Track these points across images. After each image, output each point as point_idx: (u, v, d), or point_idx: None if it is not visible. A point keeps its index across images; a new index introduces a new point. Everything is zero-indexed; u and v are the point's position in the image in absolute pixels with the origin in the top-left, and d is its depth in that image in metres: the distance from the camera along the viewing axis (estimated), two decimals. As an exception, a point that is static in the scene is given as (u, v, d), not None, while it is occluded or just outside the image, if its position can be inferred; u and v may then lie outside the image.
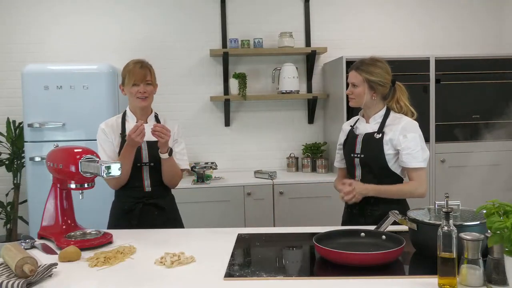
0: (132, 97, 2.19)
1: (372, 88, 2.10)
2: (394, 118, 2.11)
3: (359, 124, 2.21)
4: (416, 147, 2.04)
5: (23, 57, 3.80)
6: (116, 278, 1.46)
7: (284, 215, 3.43)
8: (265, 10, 4.03)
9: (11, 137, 3.64)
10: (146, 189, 2.20)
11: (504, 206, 1.25)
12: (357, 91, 2.12)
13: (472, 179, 3.44)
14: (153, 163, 2.19)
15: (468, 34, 4.18)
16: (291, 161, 3.92)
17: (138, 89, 2.15)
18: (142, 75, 2.15)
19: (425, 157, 2.05)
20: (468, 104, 3.58)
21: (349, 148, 2.18)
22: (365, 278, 1.37)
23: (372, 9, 4.11)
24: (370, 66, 2.10)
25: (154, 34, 3.94)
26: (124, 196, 2.20)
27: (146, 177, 2.19)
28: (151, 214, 2.20)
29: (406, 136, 2.04)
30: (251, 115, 4.07)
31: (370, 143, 2.10)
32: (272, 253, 1.74)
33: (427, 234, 1.48)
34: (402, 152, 2.04)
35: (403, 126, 2.06)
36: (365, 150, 2.10)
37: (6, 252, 1.50)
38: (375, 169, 2.09)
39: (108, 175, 1.69)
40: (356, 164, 2.14)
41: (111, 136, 2.19)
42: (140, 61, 2.21)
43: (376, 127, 2.12)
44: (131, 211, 2.17)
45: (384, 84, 2.10)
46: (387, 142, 2.06)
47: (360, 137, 2.14)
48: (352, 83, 2.14)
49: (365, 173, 2.12)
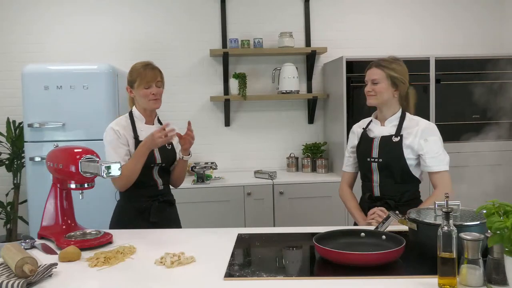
0: (143, 99, 2.18)
1: (394, 85, 2.07)
2: (410, 121, 2.08)
3: (373, 126, 2.16)
4: (439, 150, 2.02)
5: (23, 57, 3.80)
6: (116, 278, 1.46)
7: (284, 215, 3.43)
8: (265, 10, 4.03)
9: (11, 137, 3.64)
10: (160, 187, 2.24)
11: (504, 206, 1.25)
12: (378, 87, 2.07)
13: (472, 179, 3.43)
14: (164, 164, 2.23)
15: (468, 34, 4.18)
16: (291, 161, 3.92)
17: (151, 91, 2.15)
18: (153, 77, 2.16)
19: (448, 159, 2.03)
20: (468, 104, 3.57)
21: (365, 152, 2.12)
22: (365, 278, 1.37)
23: (372, 9, 4.11)
24: (392, 63, 2.09)
25: (154, 34, 3.94)
26: (138, 196, 2.19)
27: (157, 176, 2.23)
28: (164, 211, 2.24)
29: (427, 139, 2.01)
30: (251, 115, 4.07)
31: (389, 147, 2.05)
32: (272, 253, 1.74)
33: (427, 234, 1.48)
34: (425, 156, 2.01)
35: (422, 130, 2.03)
36: (384, 154, 2.06)
37: (6, 252, 1.50)
38: (396, 174, 2.05)
39: (108, 175, 1.69)
40: (374, 169, 2.09)
41: (124, 137, 2.16)
42: (149, 62, 2.22)
43: (393, 130, 2.08)
44: (147, 209, 2.18)
45: (405, 82, 2.09)
46: (407, 146, 2.02)
47: (377, 140, 2.09)
48: (373, 80, 2.09)
49: (383, 177, 2.08)
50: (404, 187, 2.05)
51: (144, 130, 2.20)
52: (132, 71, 2.20)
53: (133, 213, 2.19)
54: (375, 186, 2.11)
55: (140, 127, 2.21)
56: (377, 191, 2.11)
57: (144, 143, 2.08)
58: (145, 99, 2.17)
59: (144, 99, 2.17)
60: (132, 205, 2.19)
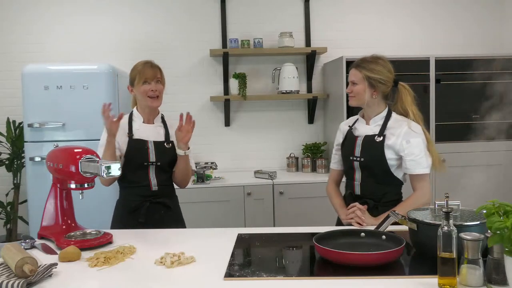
0: (143, 97, 2.19)
1: (372, 86, 2.03)
2: (395, 121, 2.05)
3: (358, 125, 2.15)
4: (420, 152, 1.98)
5: (23, 57, 3.80)
6: (116, 278, 1.46)
7: (284, 215, 3.43)
8: (265, 10, 4.03)
9: (11, 137, 3.64)
10: (153, 188, 2.21)
11: (504, 206, 1.25)
12: (356, 88, 2.06)
13: (472, 179, 3.43)
14: (159, 163, 2.20)
15: (468, 34, 4.18)
16: (291, 161, 3.92)
17: (150, 87, 2.17)
18: (152, 73, 2.17)
19: (429, 162, 2.00)
20: (468, 104, 3.58)
21: (348, 150, 2.11)
22: (365, 278, 1.37)
23: (372, 9, 4.11)
24: (371, 64, 2.05)
25: (154, 34, 3.94)
26: (131, 195, 2.20)
27: (152, 176, 2.20)
28: (158, 213, 2.21)
29: (409, 141, 1.98)
30: (251, 115, 4.07)
31: (371, 147, 2.03)
32: (272, 253, 1.74)
33: (427, 234, 1.48)
34: (406, 158, 1.99)
35: (406, 131, 2.00)
36: (366, 153, 2.03)
37: (6, 252, 1.50)
38: (377, 174, 2.03)
39: (108, 175, 1.69)
40: (356, 167, 2.08)
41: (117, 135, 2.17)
42: (149, 61, 2.24)
43: (376, 130, 2.05)
44: (137, 209, 2.18)
45: (385, 82, 2.03)
46: (389, 147, 2.00)
47: (360, 139, 2.07)
48: (352, 81, 2.08)
49: (365, 176, 2.06)
50: (385, 188, 2.04)
51: (141, 129, 2.22)
52: (133, 70, 2.22)
53: (125, 212, 2.20)
54: (356, 185, 2.09)
55: (136, 126, 2.23)
56: (358, 189, 2.09)
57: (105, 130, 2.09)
58: (144, 96, 2.18)
59: (143, 96, 2.18)
60: (125, 204, 2.22)
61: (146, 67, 2.18)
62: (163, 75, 2.24)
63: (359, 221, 1.92)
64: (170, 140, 2.25)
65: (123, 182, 2.24)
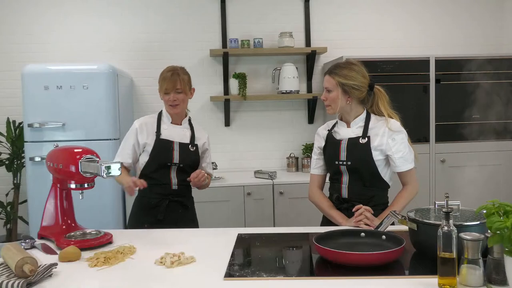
0: (165, 103, 2.32)
1: (346, 93, 2.01)
2: (376, 121, 2.04)
3: (338, 128, 2.11)
4: (405, 148, 2.00)
5: (23, 57, 3.80)
6: (116, 278, 1.46)
7: (284, 215, 3.43)
8: (265, 10, 4.03)
9: (11, 137, 3.64)
10: (173, 186, 2.28)
11: (504, 206, 1.25)
12: (331, 96, 2.03)
13: (472, 179, 3.44)
14: (182, 164, 2.28)
15: (468, 34, 4.18)
16: (291, 161, 3.92)
17: (169, 97, 2.26)
18: (172, 84, 2.25)
19: (413, 156, 2.03)
20: (468, 104, 3.58)
21: (333, 155, 2.07)
22: (365, 278, 1.37)
23: (372, 9, 4.11)
24: (344, 70, 2.01)
25: (154, 34, 3.94)
26: (151, 193, 2.26)
27: (173, 176, 2.28)
28: (176, 211, 2.28)
29: (394, 138, 1.98)
30: (251, 115, 4.07)
31: (357, 149, 2.01)
32: (272, 253, 1.74)
33: (427, 234, 1.48)
34: (394, 156, 1.99)
35: (389, 128, 2.00)
36: (352, 156, 2.01)
37: (6, 252, 1.50)
38: (365, 176, 2.01)
39: (108, 175, 1.70)
40: (343, 171, 2.05)
41: (142, 136, 2.27)
42: (173, 68, 2.30)
43: (359, 132, 2.03)
44: (157, 206, 2.24)
45: (359, 87, 2.01)
46: (375, 148, 1.99)
47: (344, 142, 2.03)
48: (326, 88, 2.06)
49: (352, 180, 2.04)
50: (372, 191, 2.03)
51: (168, 129, 2.32)
52: (160, 76, 2.31)
53: (143, 208, 2.27)
54: (343, 188, 2.07)
55: (165, 126, 2.33)
56: (345, 192, 2.06)
57: (123, 181, 2.12)
58: (166, 103, 2.31)
59: (165, 103, 2.32)
60: (144, 200, 2.28)
61: (167, 77, 2.26)
62: (185, 84, 2.28)
63: (368, 223, 1.89)
64: (195, 143, 2.34)
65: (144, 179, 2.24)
